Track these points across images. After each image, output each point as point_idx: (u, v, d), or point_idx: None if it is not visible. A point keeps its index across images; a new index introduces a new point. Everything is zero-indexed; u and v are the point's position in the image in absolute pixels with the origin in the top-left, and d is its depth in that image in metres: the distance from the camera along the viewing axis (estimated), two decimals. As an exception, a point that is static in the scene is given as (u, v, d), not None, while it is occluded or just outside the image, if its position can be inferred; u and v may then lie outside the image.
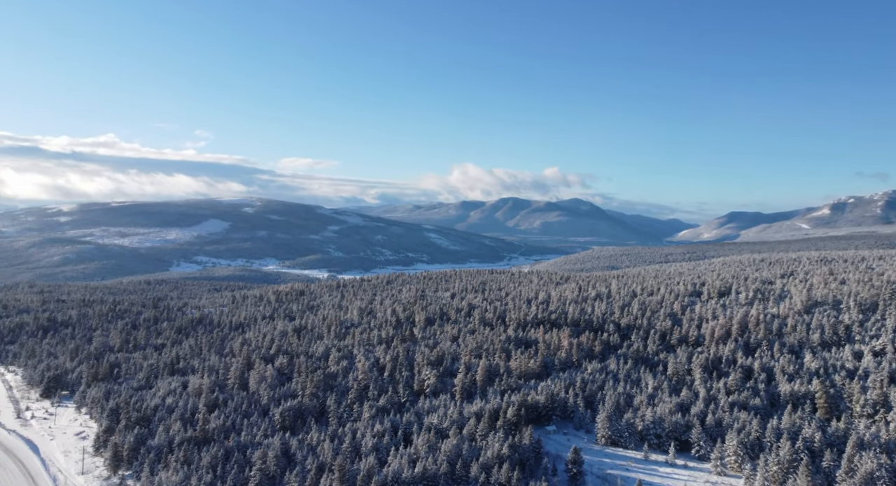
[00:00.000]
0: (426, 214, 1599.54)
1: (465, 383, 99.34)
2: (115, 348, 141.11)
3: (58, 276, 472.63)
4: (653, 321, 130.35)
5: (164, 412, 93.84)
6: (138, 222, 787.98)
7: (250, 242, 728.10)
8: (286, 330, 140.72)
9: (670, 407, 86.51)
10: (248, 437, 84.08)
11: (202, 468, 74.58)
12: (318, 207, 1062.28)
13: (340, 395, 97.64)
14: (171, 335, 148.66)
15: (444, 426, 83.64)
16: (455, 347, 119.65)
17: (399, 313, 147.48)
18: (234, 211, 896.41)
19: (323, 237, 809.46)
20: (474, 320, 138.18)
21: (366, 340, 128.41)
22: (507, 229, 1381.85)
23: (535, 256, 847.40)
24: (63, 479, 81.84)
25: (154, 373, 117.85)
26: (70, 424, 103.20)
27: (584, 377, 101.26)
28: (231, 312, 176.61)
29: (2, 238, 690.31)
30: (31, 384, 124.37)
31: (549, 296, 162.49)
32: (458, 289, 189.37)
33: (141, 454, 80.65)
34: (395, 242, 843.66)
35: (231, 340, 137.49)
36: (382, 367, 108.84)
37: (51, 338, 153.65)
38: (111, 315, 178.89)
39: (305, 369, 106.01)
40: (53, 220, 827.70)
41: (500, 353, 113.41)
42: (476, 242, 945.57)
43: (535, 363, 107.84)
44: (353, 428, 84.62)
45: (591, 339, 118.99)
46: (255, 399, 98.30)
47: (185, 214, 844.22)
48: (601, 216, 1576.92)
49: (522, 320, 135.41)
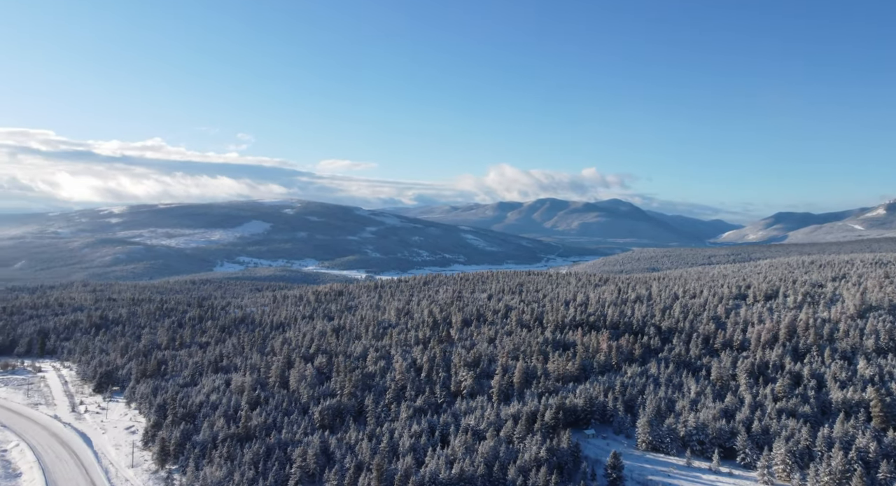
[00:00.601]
0: (463, 215, 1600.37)
1: (502, 384, 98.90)
2: (162, 345, 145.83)
3: (109, 275, 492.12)
4: (695, 325, 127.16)
5: (208, 409, 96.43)
6: (184, 224, 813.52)
7: (290, 242, 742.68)
8: (325, 330, 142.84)
9: (714, 413, 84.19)
10: (288, 435, 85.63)
11: (245, 464, 76.31)
12: (356, 209, 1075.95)
13: (378, 395, 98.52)
14: (215, 334, 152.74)
15: (481, 428, 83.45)
16: (492, 348, 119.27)
17: (436, 314, 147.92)
18: (275, 212, 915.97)
19: (361, 238, 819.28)
20: (511, 321, 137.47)
21: (403, 340, 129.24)
22: (544, 230, 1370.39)
23: (573, 257, 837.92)
24: (114, 471, 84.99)
25: (199, 370, 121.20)
26: (120, 418, 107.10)
27: (624, 381, 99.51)
28: (272, 311, 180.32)
29: (58, 239, 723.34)
30: (84, 379, 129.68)
31: (588, 298, 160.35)
32: (495, 290, 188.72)
33: (186, 449, 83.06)
34: (431, 243, 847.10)
35: (272, 339, 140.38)
36: (419, 367, 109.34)
37: (102, 335, 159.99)
38: (158, 314, 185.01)
39: (344, 368, 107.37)
40: (105, 221, 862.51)
41: (538, 355, 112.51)
42: (513, 243, 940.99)
43: (573, 366, 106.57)
44: (390, 428, 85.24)
45: (630, 342, 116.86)
46: (296, 398, 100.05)
47: (228, 215, 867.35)
48: (641, 217, 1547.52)
49: (560, 322, 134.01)
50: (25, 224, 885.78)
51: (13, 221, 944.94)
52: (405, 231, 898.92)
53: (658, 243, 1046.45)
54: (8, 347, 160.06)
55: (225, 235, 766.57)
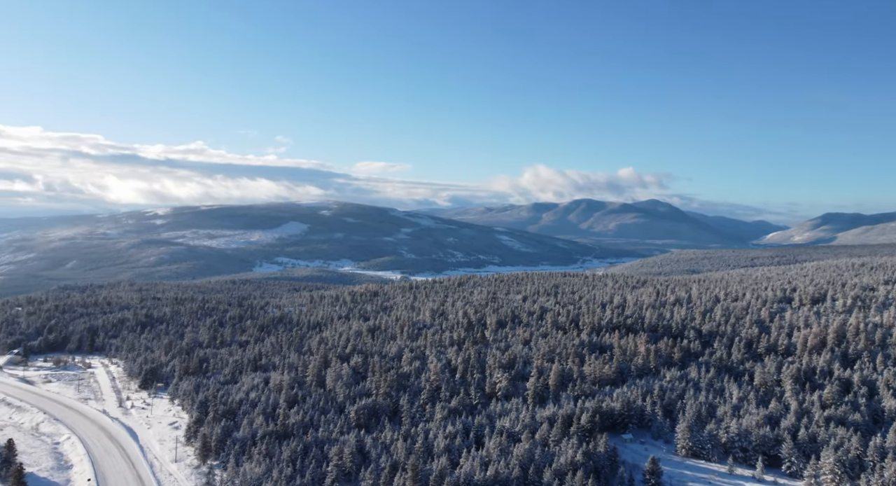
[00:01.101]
0: (497, 216, 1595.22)
1: (538, 387, 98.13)
2: (203, 343, 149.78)
3: (153, 275, 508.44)
4: (737, 329, 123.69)
5: (247, 406, 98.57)
6: (225, 225, 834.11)
7: (327, 243, 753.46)
8: (361, 330, 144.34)
9: (758, 419, 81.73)
10: (325, 433, 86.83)
11: (283, 462, 77.71)
12: (391, 210, 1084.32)
13: (413, 395, 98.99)
14: (254, 333, 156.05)
15: (516, 430, 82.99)
16: (527, 350, 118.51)
17: (470, 316, 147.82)
18: (312, 214, 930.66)
19: (396, 239, 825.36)
20: (546, 323, 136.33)
21: (437, 341, 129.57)
22: (580, 232, 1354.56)
23: (610, 259, 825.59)
24: (159, 466, 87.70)
25: (239, 369, 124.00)
26: (164, 414, 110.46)
27: (663, 385, 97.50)
28: (309, 311, 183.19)
29: (106, 240, 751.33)
30: (130, 376, 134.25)
31: (625, 300, 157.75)
32: (530, 292, 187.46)
33: (227, 446, 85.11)
34: (466, 244, 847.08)
35: (309, 338, 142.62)
36: (454, 368, 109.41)
37: (147, 333, 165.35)
38: (200, 313, 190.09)
39: (379, 368, 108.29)
40: (150, 222, 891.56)
41: (574, 357, 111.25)
42: (548, 244, 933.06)
43: (609, 369, 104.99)
44: (425, 428, 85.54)
45: (669, 345, 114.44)
46: (332, 397, 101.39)
47: (267, 216, 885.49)
48: (680, 218, 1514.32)
49: (596, 324, 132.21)
50: (76, 225, 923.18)
51: (65, 223, 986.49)
52: (440, 232, 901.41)
53: (698, 244, 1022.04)
54: (60, 343, 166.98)
55: (264, 236, 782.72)
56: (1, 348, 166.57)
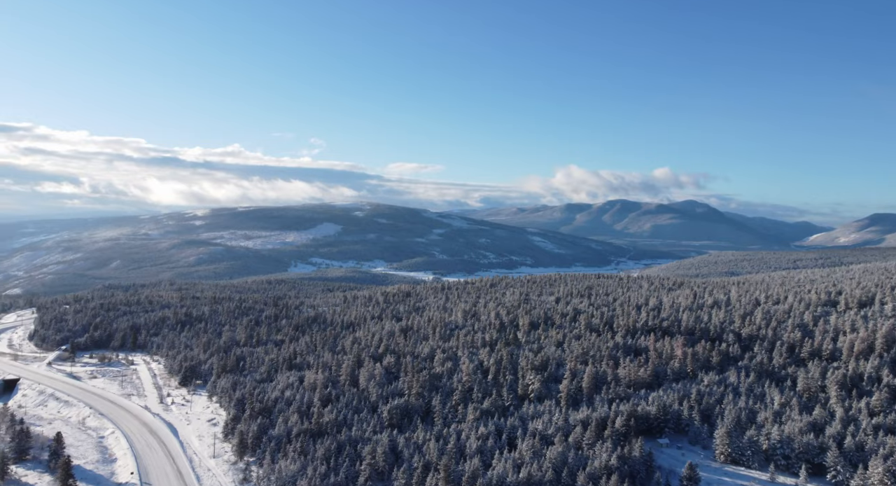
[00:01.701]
0: (530, 216, 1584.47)
1: (571, 389, 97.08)
2: (240, 342, 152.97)
3: (193, 274, 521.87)
4: (779, 332, 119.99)
5: (282, 405, 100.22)
6: (261, 226, 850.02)
7: (360, 244, 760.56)
8: (393, 330, 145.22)
9: (801, 426, 79.12)
10: (358, 432, 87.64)
11: (317, 460, 78.72)
12: (423, 211, 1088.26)
13: (445, 396, 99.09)
14: (289, 332, 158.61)
15: (548, 433, 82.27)
16: (560, 352, 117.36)
17: (503, 317, 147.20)
18: (346, 215, 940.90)
19: (428, 240, 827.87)
20: (580, 325, 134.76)
21: (470, 342, 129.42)
22: (614, 233, 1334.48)
23: (646, 260, 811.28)
24: (198, 461, 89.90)
25: (274, 367, 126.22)
26: (203, 410, 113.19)
27: (701, 389, 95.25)
28: (343, 311, 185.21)
29: (148, 240, 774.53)
30: (171, 373, 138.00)
31: (661, 302, 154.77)
32: (563, 293, 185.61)
33: (263, 443, 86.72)
34: (498, 245, 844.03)
35: (343, 338, 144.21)
36: (486, 370, 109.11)
37: (187, 331, 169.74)
38: (237, 312, 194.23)
39: (412, 368, 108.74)
40: (190, 223, 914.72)
41: (608, 360, 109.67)
42: (582, 245, 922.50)
43: (645, 372, 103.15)
44: (457, 429, 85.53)
45: (707, 349, 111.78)
46: (365, 396, 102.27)
47: (301, 217, 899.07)
48: (718, 219, 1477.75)
49: (631, 326, 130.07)
50: (120, 226, 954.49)
51: (110, 224, 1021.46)
52: (472, 233, 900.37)
53: (737, 246, 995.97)
54: (105, 341, 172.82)
55: (298, 236, 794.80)
56: (50, 344, 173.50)
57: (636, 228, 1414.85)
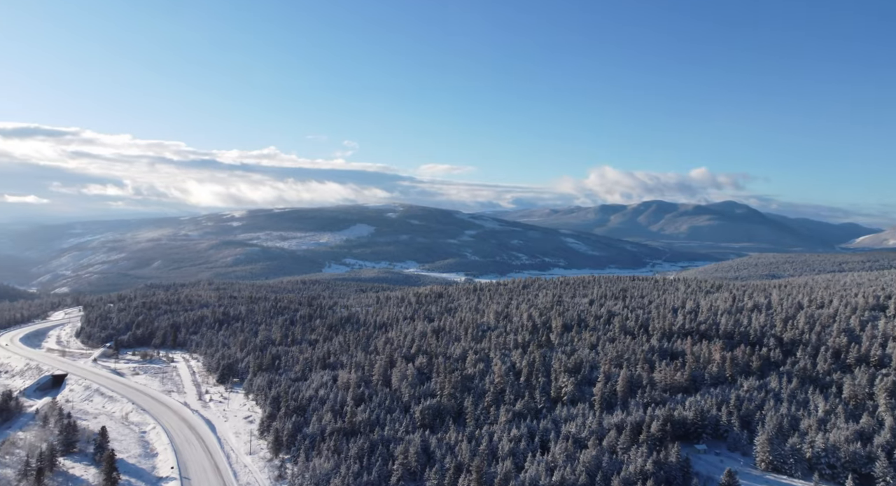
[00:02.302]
0: (563, 218, 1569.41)
1: (605, 392, 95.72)
2: (276, 341, 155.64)
3: (230, 274, 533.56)
4: (823, 337, 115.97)
5: (316, 403, 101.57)
6: (296, 227, 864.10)
7: (393, 245, 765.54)
8: (425, 331, 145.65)
9: (847, 435, 76.27)
10: (390, 432, 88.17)
11: (350, 458, 79.51)
12: (455, 212, 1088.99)
13: (477, 397, 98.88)
14: (323, 332, 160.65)
15: (582, 436, 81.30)
16: (594, 355, 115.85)
17: (535, 319, 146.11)
18: (379, 216, 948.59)
19: (460, 241, 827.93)
20: (614, 327, 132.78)
21: (502, 343, 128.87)
22: (650, 234, 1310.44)
23: (682, 262, 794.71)
24: (234, 457, 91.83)
25: (308, 366, 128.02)
26: (240, 408, 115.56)
27: (740, 395, 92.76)
28: (375, 312, 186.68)
29: (188, 241, 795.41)
30: (209, 370, 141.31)
31: (698, 305, 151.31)
32: (597, 295, 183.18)
33: (298, 441, 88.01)
34: (531, 246, 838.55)
35: (375, 338, 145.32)
36: (518, 371, 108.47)
37: (224, 330, 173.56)
38: (273, 311, 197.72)
39: (444, 369, 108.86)
40: (227, 225, 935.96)
41: (643, 363, 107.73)
42: (616, 247, 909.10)
43: (681, 376, 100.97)
44: (489, 431, 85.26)
45: (746, 353, 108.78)
46: (397, 396, 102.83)
47: (335, 219, 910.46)
48: (759, 220, 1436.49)
49: (667, 329, 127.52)
50: (161, 227, 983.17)
51: (151, 225, 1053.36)
52: (504, 234, 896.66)
53: (778, 248, 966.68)
54: (147, 338, 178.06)
55: (332, 237, 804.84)
56: (96, 341, 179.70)
57: (672, 230, 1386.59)
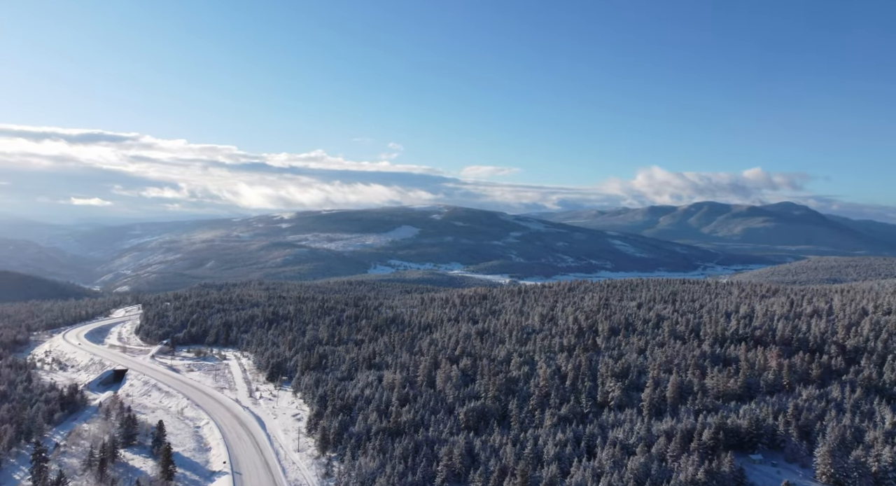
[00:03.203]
0: (610, 219, 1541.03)
1: (654, 398, 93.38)
2: (323, 340, 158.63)
3: (279, 275, 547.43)
4: (890, 345, 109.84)
5: (362, 402, 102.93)
6: (342, 228, 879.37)
7: (437, 247, 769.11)
8: (470, 333, 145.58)
9: (916, 449, 71.92)
10: (435, 433, 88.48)
11: (395, 458, 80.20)
12: (500, 214, 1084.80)
13: (522, 400, 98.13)
14: (369, 332, 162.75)
15: (630, 442, 79.55)
16: (642, 360, 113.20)
17: (581, 322, 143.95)
18: (424, 218, 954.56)
19: (505, 243, 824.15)
20: (663, 332, 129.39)
21: (547, 346, 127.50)
22: (701, 236, 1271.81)
23: (735, 265, 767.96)
24: (283, 454, 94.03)
25: (354, 366, 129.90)
26: (288, 406, 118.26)
27: (798, 404, 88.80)
28: (420, 313, 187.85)
29: (240, 242, 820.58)
30: (259, 368, 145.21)
31: (753, 310, 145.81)
32: (646, 299, 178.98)
33: (344, 439, 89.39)
34: (577, 248, 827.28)
35: (420, 339, 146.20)
36: (564, 375, 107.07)
37: (274, 329, 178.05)
38: (320, 311, 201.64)
39: (488, 371, 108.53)
40: (277, 226, 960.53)
41: (694, 369, 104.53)
42: (666, 249, 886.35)
43: (735, 383, 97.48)
44: (534, 434, 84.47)
45: (805, 361, 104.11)
46: (442, 397, 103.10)
47: (380, 220, 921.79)
48: (818, 222, 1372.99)
49: (720, 335, 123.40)
50: (214, 229, 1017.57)
51: (205, 226, 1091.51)
52: (549, 236, 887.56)
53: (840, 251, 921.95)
54: (201, 336, 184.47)
55: (378, 239, 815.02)
56: (154, 338, 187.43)
57: (725, 232, 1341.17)
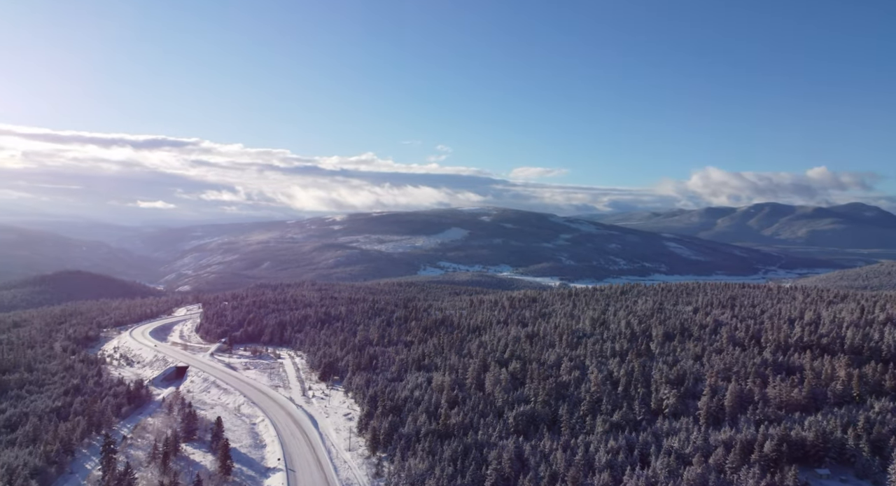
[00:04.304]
0: (664, 221, 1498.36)
1: (711, 407, 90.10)
2: (373, 341, 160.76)
3: (331, 276, 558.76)
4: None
5: (412, 404, 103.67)
6: (392, 230, 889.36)
7: (486, 249, 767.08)
8: (519, 336, 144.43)
9: None
10: (484, 436, 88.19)
11: (444, 460, 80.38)
12: (550, 216, 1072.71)
13: (572, 405, 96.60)
14: (418, 334, 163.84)
15: (686, 452, 77.05)
16: (698, 366, 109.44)
17: (634, 326, 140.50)
18: (472, 220, 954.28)
19: (555, 245, 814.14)
20: (721, 338, 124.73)
21: (598, 351, 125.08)
22: (762, 239, 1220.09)
23: (800, 269, 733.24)
24: (335, 452, 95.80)
25: (404, 367, 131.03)
26: (340, 405, 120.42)
27: (871, 417, 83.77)
28: (469, 315, 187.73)
29: (294, 243, 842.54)
30: (312, 368, 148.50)
31: (819, 316, 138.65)
32: (702, 303, 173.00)
33: (394, 440, 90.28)
34: (629, 251, 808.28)
35: (469, 341, 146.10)
36: (616, 381, 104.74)
37: (326, 329, 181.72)
38: (371, 312, 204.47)
39: (538, 375, 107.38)
40: (329, 228, 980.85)
41: (754, 377, 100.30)
42: (723, 252, 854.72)
43: (799, 393, 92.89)
44: (585, 441, 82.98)
45: (878, 371, 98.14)
46: (491, 401, 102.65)
47: (429, 222, 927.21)
48: (892, 224, 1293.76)
49: (783, 342, 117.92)
50: (269, 231, 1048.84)
51: (261, 228, 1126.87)
52: (601, 238, 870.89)
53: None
54: (256, 335, 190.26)
55: (427, 241, 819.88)
56: (213, 337, 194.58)
57: (788, 234, 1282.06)
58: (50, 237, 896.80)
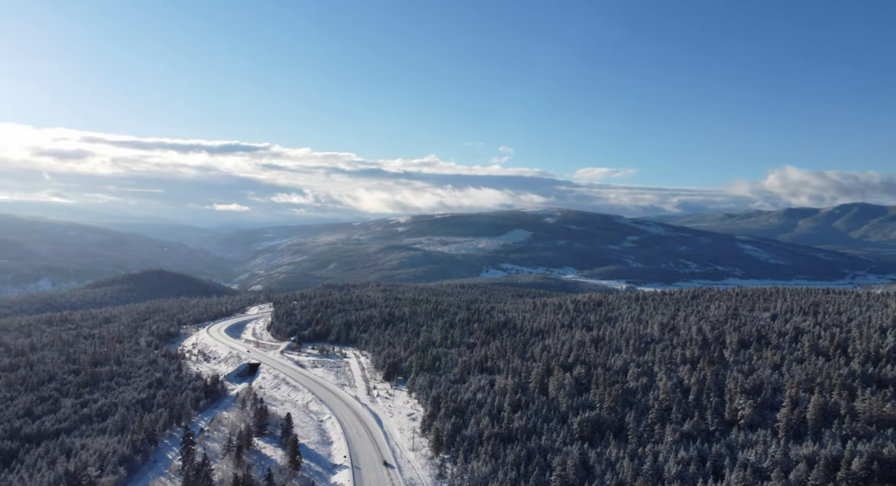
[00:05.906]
0: (739, 223, 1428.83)
1: (791, 419, 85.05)
2: (436, 343, 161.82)
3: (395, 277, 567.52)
4: None
5: (474, 406, 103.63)
6: (455, 232, 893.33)
7: (550, 251, 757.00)
8: (583, 340, 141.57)
9: None
10: (547, 441, 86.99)
11: (507, 464, 79.90)
12: (616, 217, 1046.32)
13: (640, 413, 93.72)
14: (480, 336, 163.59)
15: (763, 466, 73.15)
16: (777, 376, 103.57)
17: (706, 332, 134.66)
18: (536, 221, 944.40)
19: (621, 248, 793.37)
20: (803, 347, 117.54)
21: (667, 358, 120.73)
22: (849, 241, 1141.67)
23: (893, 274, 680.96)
24: (399, 452, 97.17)
25: (466, 369, 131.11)
26: (403, 405, 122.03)
27: (974, 437, 76.72)
28: (532, 318, 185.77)
29: (359, 245, 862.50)
30: (376, 367, 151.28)
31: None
32: (781, 309, 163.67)
33: (457, 442, 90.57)
34: (701, 253, 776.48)
35: (532, 345, 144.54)
36: (686, 389, 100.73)
37: (390, 330, 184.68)
38: (433, 314, 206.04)
39: (603, 381, 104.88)
40: (393, 230, 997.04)
41: (840, 389, 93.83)
42: (805, 255, 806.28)
43: (892, 408, 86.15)
44: (653, 450, 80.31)
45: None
46: (554, 405, 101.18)
47: (492, 224, 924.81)
48: None
49: (873, 352, 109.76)
50: (336, 232, 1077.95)
51: (328, 230, 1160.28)
52: (670, 240, 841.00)
53: None
54: (324, 334, 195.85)
55: (490, 243, 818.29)
56: (283, 335, 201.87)
57: (880, 237, 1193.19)
58: (136, 239, 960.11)
